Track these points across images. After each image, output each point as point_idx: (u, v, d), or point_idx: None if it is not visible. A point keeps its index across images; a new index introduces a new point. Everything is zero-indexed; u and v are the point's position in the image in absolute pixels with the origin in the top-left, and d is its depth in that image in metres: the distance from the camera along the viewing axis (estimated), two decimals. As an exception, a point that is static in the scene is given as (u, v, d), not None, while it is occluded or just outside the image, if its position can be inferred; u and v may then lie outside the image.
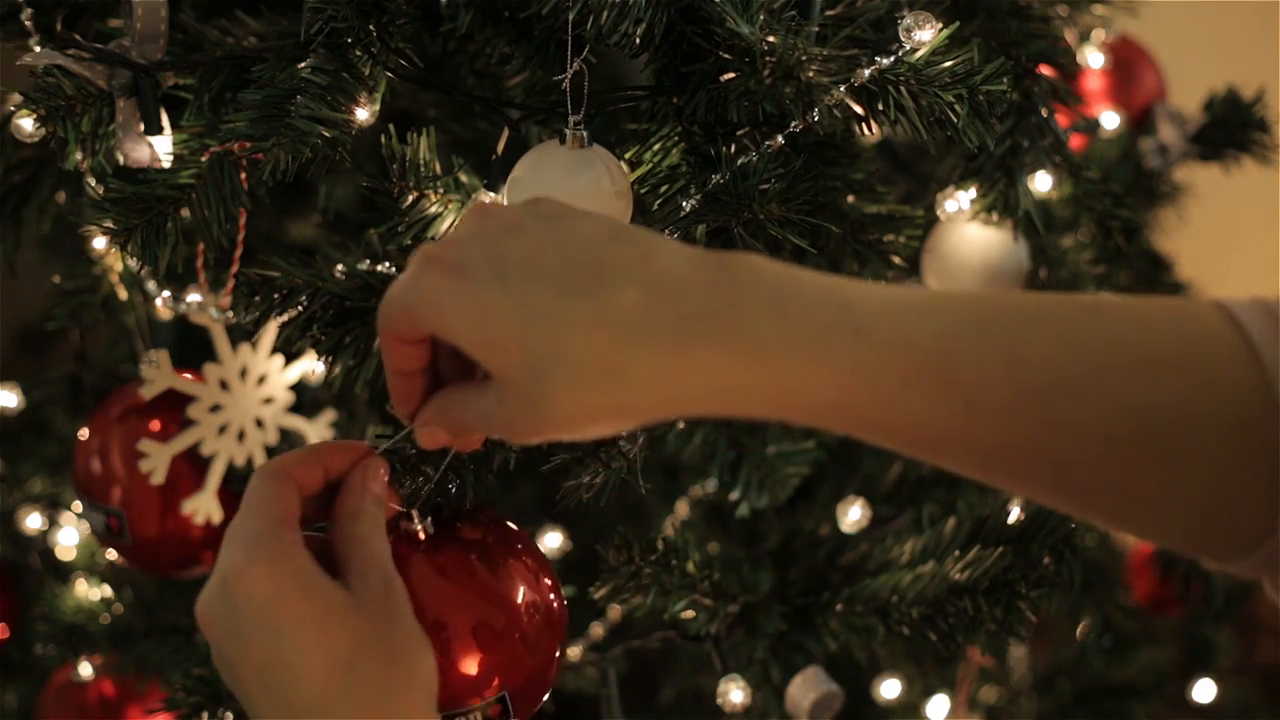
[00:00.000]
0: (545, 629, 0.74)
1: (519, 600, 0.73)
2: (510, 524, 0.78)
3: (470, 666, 0.71)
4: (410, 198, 0.80)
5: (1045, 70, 0.91)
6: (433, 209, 0.81)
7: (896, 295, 0.60)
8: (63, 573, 1.12)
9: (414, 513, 0.73)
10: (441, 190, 0.81)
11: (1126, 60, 1.26)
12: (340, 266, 0.82)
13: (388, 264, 0.82)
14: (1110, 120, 1.20)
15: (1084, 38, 1.23)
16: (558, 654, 0.76)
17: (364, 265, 0.82)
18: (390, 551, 0.68)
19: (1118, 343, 0.59)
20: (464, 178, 0.82)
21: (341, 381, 0.81)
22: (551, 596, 0.76)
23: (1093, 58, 1.22)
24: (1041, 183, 0.95)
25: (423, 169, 0.80)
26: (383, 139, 0.79)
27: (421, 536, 0.74)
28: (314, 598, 0.64)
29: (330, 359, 0.81)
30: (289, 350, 0.94)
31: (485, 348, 0.59)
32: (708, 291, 0.58)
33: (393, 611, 0.65)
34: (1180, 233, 1.35)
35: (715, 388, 0.58)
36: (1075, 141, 1.12)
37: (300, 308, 0.80)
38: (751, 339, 0.57)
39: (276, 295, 0.80)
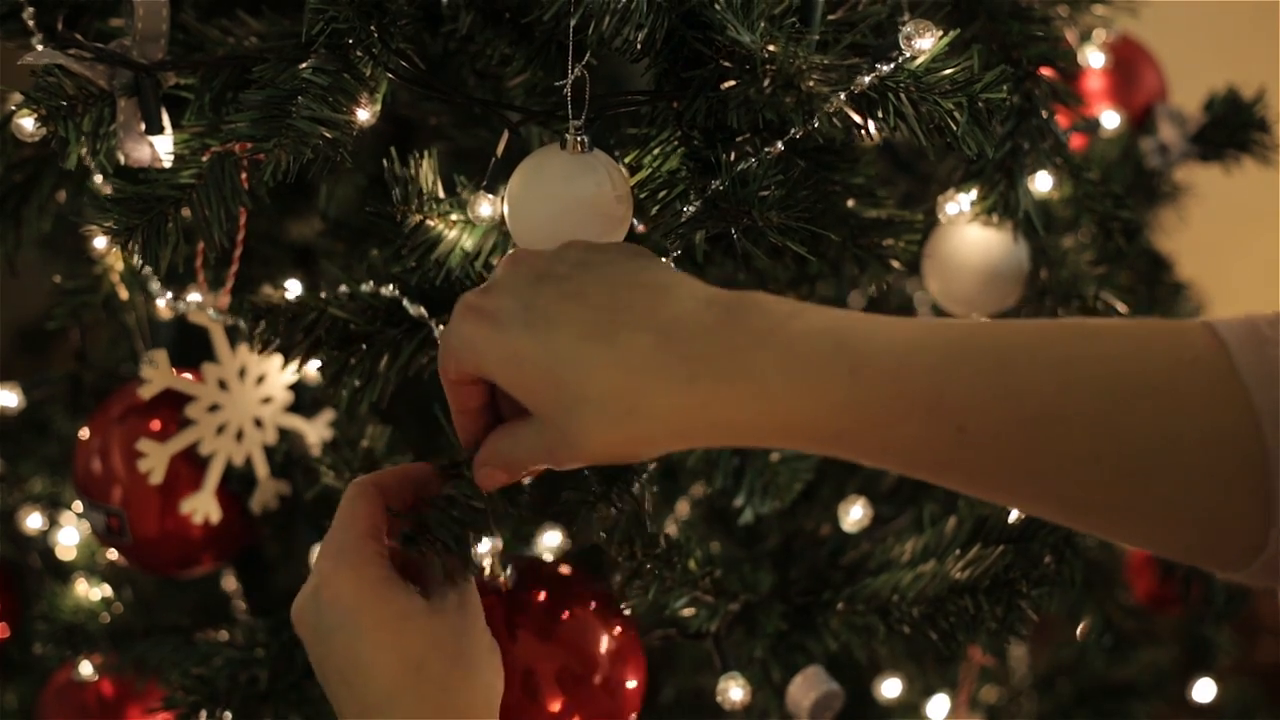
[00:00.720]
0: (622, 672, 0.83)
1: (597, 648, 0.83)
2: (584, 575, 0.86)
3: (553, 707, 0.80)
4: (413, 220, 0.80)
5: (1046, 72, 0.91)
6: (435, 231, 0.81)
7: (894, 330, 0.64)
8: (63, 572, 1.12)
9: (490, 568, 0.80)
10: (444, 211, 0.81)
11: (1127, 60, 1.26)
12: (343, 288, 0.82)
13: (391, 287, 0.82)
14: (1110, 120, 1.20)
15: (1084, 38, 1.22)
16: (635, 692, 0.84)
17: (367, 287, 0.82)
18: None
19: (1104, 370, 0.62)
20: (466, 195, 0.82)
21: (347, 404, 0.82)
22: (626, 639, 0.85)
23: (1093, 58, 1.22)
24: (1042, 183, 0.95)
25: (425, 191, 0.80)
26: (385, 163, 0.79)
27: (503, 586, 0.82)
28: (391, 603, 0.70)
29: (335, 382, 0.82)
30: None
31: (520, 388, 0.66)
32: (714, 334, 0.63)
33: (464, 620, 0.72)
34: (1180, 233, 1.35)
35: (724, 421, 0.64)
36: (1076, 141, 1.12)
37: (305, 334, 0.81)
38: (754, 377, 0.63)
39: (282, 322, 0.81)
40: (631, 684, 0.85)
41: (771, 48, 0.67)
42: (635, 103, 0.80)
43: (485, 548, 0.78)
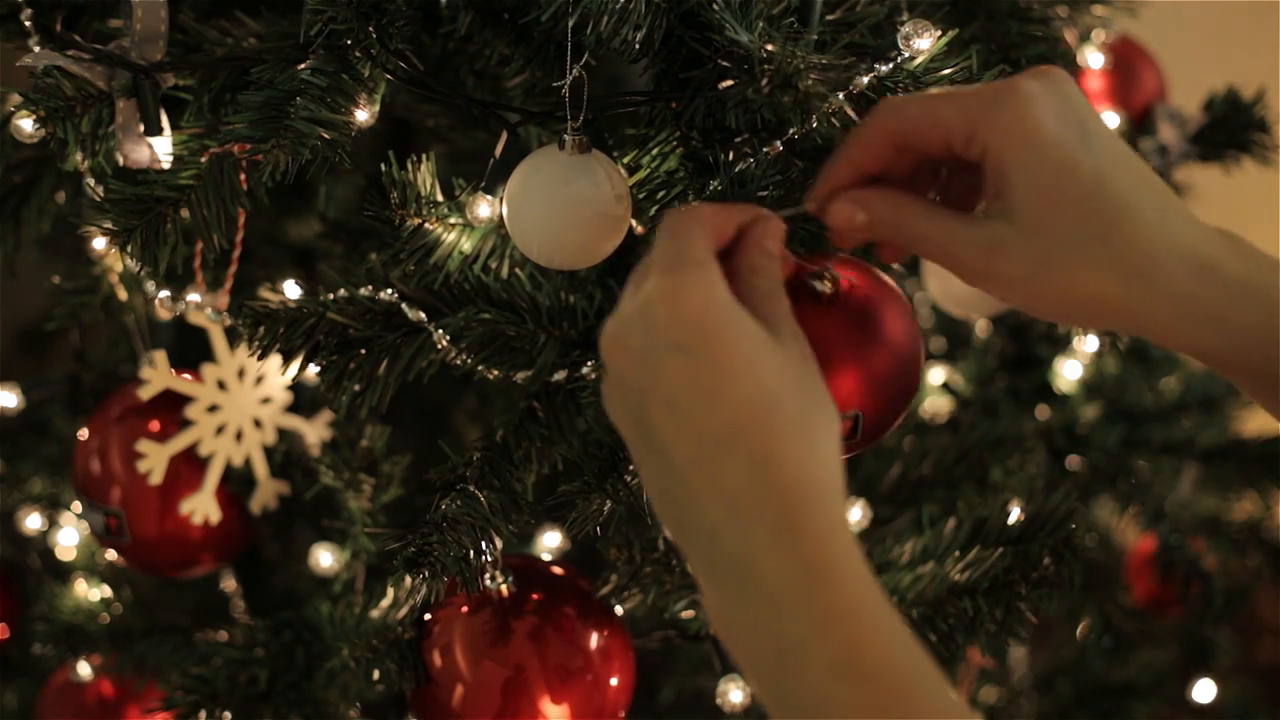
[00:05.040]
0: (611, 670, 0.85)
1: (588, 647, 0.84)
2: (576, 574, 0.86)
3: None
4: (412, 224, 0.80)
5: (1045, 71, 0.91)
6: (434, 234, 0.81)
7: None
8: (62, 573, 1.12)
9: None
10: (443, 214, 0.81)
11: (1127, 60, 1.26)
12: (342, 291, 0.82)
13: (389, 290, 0.82)
14: (1111, 120, 1.20)
15: (1084, 38, 1.22)
16: (623, 690, 0.86)
17: (366, 291, 0.82)
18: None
19: None
20: (465, 198, 0.82)
21: (346, 409, 0.81)
22: (615, 638, 0.87)
23: (1093, 58, 1.22)
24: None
25: (423, 195, 0.80)
26: (383, 167, 0.79)
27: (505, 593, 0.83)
28: (742, 326, 0.62)
29: (334, 387, 0.81)
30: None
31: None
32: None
33: (808, 360, 0.64)
34: (1180, 233, 1.34)
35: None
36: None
37: (304, 338, 0.81)
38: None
39: (281, 327, 0.80)
40: (620, 682, 0.86)
41: (770, 47, 0.67)
42: (633, 103, 0.80)
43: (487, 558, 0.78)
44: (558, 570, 0.89)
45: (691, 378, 0.61)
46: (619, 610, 0.89)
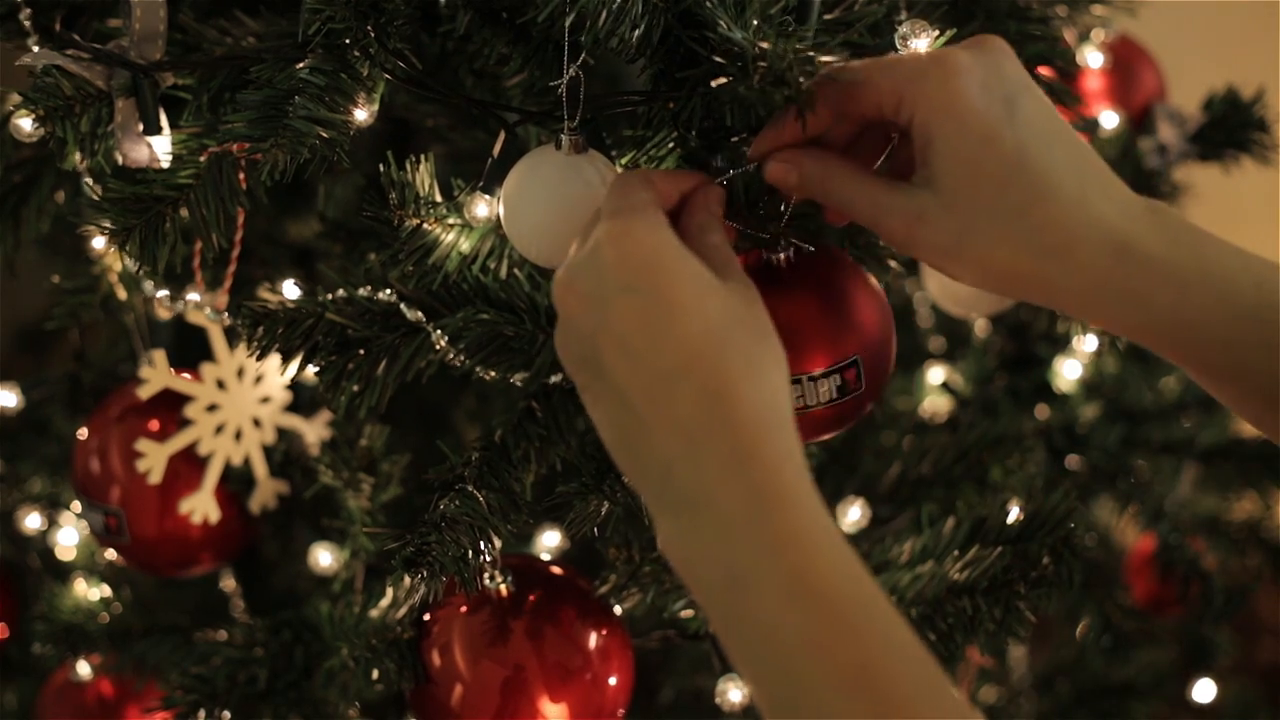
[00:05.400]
0: (610, 669, 0.85)
1: (586, 646, 0.85)
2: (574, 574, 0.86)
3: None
4: (410, 225, 0.80)
5: (1044, 71, 0.91)
6: (432, 235, 0.81)
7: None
8: (62, 572, 1.12)
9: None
10: (441, 215, 0.81)
11: (1126, 60, 1.26)
12: (341, 292, 0.82)
13: (388, 291, 0.82)
14: (1109, 120, 1.20)
15: (1083, 37, 1.22)
16: (622, 689, 0.86)
17: (365, 291, 0.82)
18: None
19: None
20: (463, 199, 0.82)
21: (345, 409, 0.82)
22: (614, 637, 0.87)
23: (1092, 57, 1.22)
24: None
25: (422, 196, 0.80)
26: (381, 168, 0.79)
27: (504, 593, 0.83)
28: (689, 265, 0.64)
29: (333, 387, 0.81)
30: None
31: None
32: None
33: (755, 303, 0.66)
34: (1180, 232, 1.34)
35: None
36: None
37: (303, 339, 0.81)
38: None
39: (280, 328, 0.80)
40: (618, 681, 0.86)
41: (764, 44, 0.67)
42: (631, 103, 0.80)
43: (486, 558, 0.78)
44: (556, 570, 0.89)
45: (641, 316, 0.63)
46: (618, 610, 0.89)
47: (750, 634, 0.61)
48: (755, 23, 0.69)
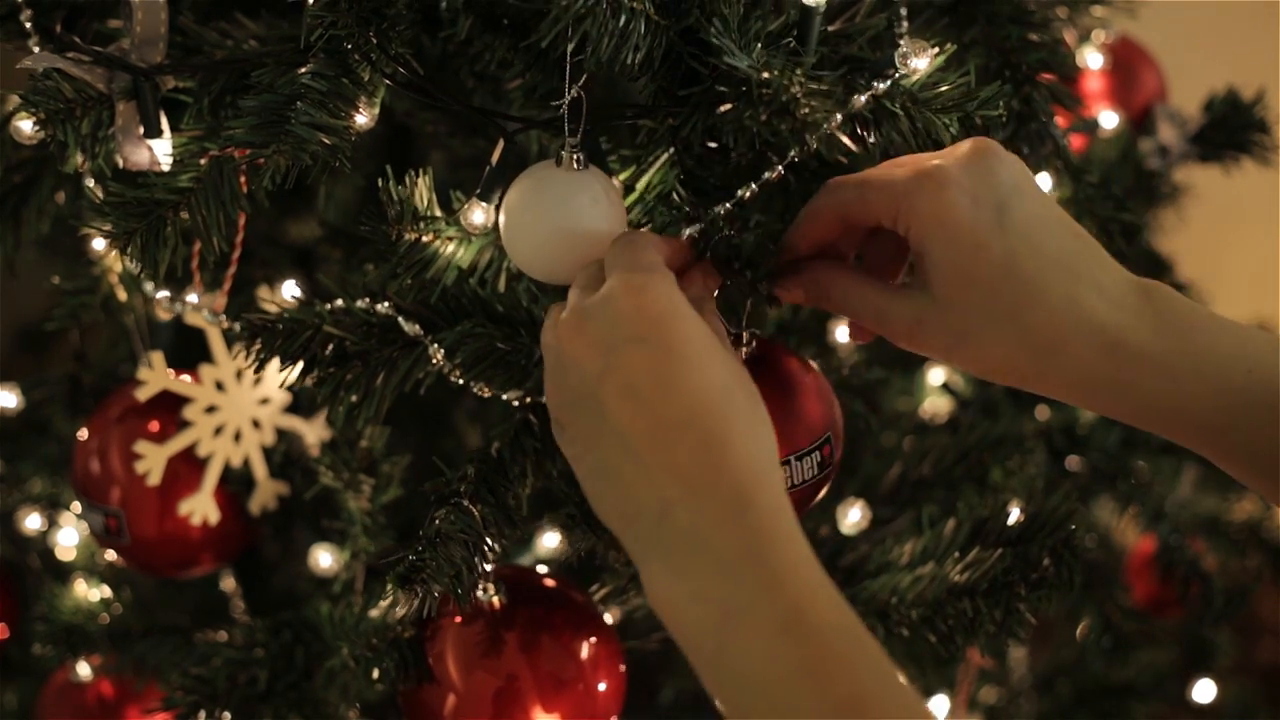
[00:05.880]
0: (600, 678, 0.86)
1: (578, 656, 0.86)
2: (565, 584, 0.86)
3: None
4: (408, 239, 0.80)
5: (1045, 76, 0.91)
6: (431, 249, 0.81)
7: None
8: (62, 573, 1.12)
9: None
10: (439, 229, 0.81)
11: (1126, 61, 1.26)
12: (339, 303, 0.82)
13: (386, 304, 0.82)
14: (1110, 121, 1.20)
15: (1084, 39, 1.22)
16: (612, 696, 0.87)
17: (363, 303, 0.82)
18: None
19: None
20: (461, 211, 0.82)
21: (343, 421, 0.82)
22: (605, 646, 0.88)
23: (1092, 59, 1.22)
24: (1041, 183, 0.95)
25: (420, 211, 0.80)
26: (380, 183, 0.79)
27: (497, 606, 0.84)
28: (700, 327, 0.69)
29: (331, 398, 0.81)
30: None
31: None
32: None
33: (746, 371, 0.70)
34: (1180, 233, 1.34)
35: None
36: (1075, 141, 1.11)
37: (301, 351, 0.81)
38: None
39: (278, 340, 0.80)
40: (608, 687, 0.87)
41: (766, 75, 0.68)
42: (631, 116, 0.80)
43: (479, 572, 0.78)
44: (549, 582, 0.90)
45: (652, 367, 0.67)
46: (609, 618, 0.89)
47: (743, 667, 0.64)
48: (758, 47, 0.69)
